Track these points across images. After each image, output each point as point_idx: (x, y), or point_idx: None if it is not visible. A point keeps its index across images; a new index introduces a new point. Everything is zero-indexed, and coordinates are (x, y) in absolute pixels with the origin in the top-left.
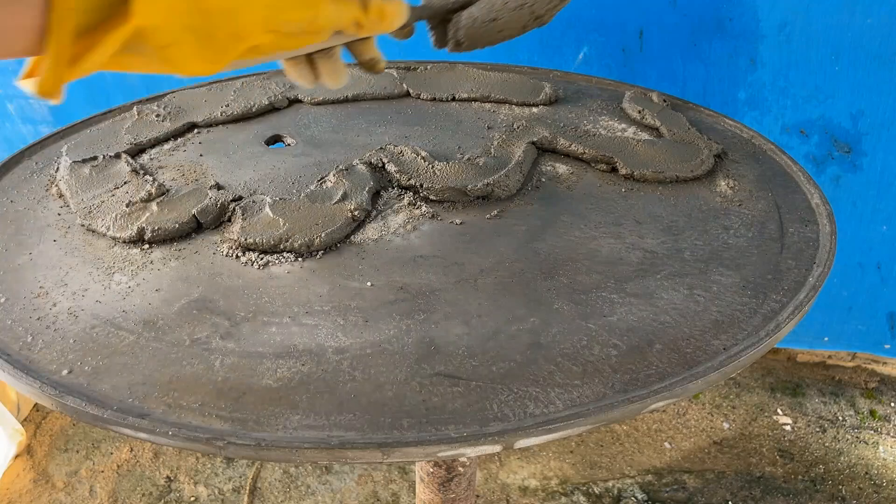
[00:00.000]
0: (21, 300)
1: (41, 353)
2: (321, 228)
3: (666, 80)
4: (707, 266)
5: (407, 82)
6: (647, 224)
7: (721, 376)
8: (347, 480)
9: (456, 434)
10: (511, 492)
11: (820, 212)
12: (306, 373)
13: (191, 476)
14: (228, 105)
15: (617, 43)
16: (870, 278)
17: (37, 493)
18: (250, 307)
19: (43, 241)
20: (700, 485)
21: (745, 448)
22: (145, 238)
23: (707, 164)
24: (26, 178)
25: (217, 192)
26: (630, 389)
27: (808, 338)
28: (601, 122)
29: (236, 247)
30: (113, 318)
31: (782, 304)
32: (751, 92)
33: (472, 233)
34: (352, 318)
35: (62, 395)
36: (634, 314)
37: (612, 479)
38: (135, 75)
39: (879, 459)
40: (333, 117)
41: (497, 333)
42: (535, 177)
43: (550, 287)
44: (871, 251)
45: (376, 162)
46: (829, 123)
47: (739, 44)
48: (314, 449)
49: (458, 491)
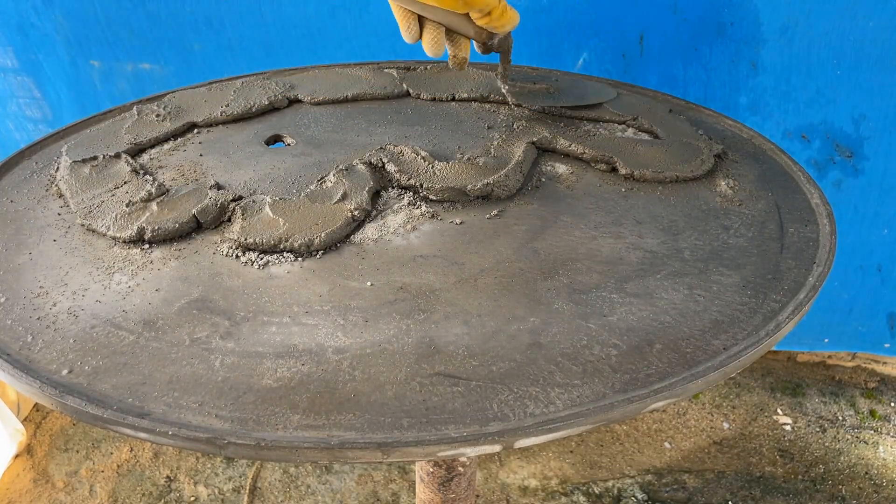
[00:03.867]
0: (21, 300)
1: (41, 352)
2: (321, 228)
3: (667, 85)
4: (707, 266)
5: (407, 82)
6: (647, 224)
7: (721, 376)
8: (347, 480)
9: (456, 434)
10: (511, 491)
11: (820, 212)
12: (306, 372)
13: (191, 476)
14: (228, 105)
15: (617, 48)
16: (870, 281)
17: (37, 493)
18: (250, 307)
19: (43, 241)
20: (700, 484)
21: (745, 448)
22: (145, 238)
23: (707, 164)
24: (26, 177)
25: (217, 192)
26: (630, 389)
27: (808, 339)
28: (601, 122)
29: (236, 247)
30: (113, 317)
31: (782, 303)
32: (752, 96)
33: (472, 233)
34: (352, 318)
35: (62, 394)
36: (634, 314)
37: (612, 478)
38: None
39: (879, 459)
40: (333, 117)
41: (497, 333)
42: (535, 177)
43: (550, 287)
44: (872, 254)
45: (376, 162)
46: (830, 128)
47: (740, 48)
48: (314, 449)
49: (458, 491)
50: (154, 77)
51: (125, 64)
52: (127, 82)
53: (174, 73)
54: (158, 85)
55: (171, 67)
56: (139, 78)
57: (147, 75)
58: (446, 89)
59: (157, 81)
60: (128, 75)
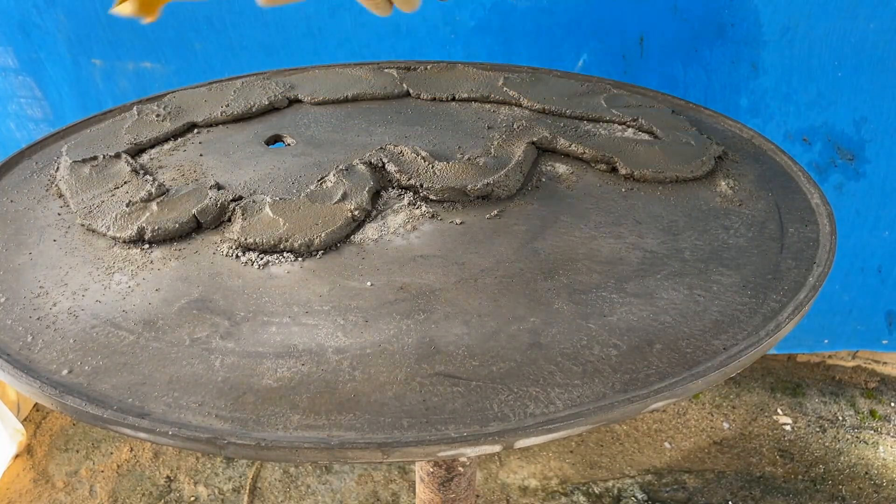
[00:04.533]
0: (21, 300)
1: (41, 352)
2: (321, 228)
3: (667, 87)
4: (707, 266)
5: (407, 82)
6: (647, 224)
7: (721, 376)
8: (347, 480)
9: (456, 434)
10: (511, 492)
11: (820, 212)
12: (306, 373)
13: (191, 476)
14: (228, 105)
15: (617, 49)
16: (871, 282)
17: (37, 493)
18: (250, 307)
19: (43, 241)
20: (700, 485)
21: (745, 448)
22: (145, 238)
23: (707, 164)
24: (26, 177)
25: (217, 192)
26: (630, 389)
27: (809, 341)
28: (601, 122)
29: (236, 247)
30: (113, 317)
31: (782, 303)
32: (753, 99)
33: (472, 233)
34: (352, 318)
35: (62, 394)
36: (634, 314)
37: (612, 478)
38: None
39: (879, 459)
40: (333, 117)
41: (497, 333)
42: (536, 177)
43: (550, 287)
44: (873, 256)
45: (376, 162)
46: (831, 130)
47: (741, 49)
48: (314, 449)
49: (458, 491)
50: (156, 76)
51: (126, 63)
52: (128, 81)
53: (175, 72)
54: (160, 84)
55: (172, 66)
56: (141, 77)
57: (148, 74)
58: (446, 89)
59: (159, 80)
60: (129, 74)
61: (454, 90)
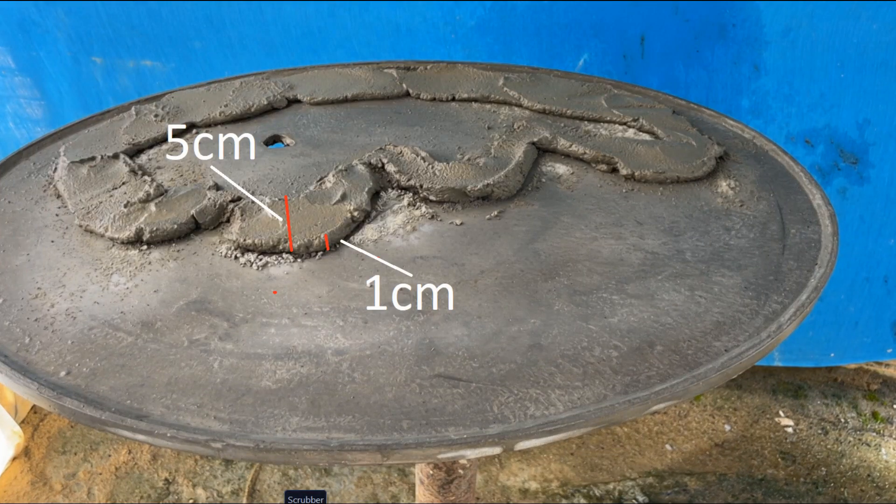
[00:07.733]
0: (19, 301)
1: (39, 354)
2: (321, 229)
3: (668, 87)
4: (708, 267)
5: (407, 82)
6: (648, 225)
7: (722, 378)
8: (347, 483)
9: (456, 436)
10: (511, 494)
11: (822, 213)
12: (305, 374)
13: (189, 478)
14: (227, 105)
15: (618, 49)
16: (877, 292)
17: (35, 496)
18: (249, 308)
19: (41, 242)
20: (701, 487)
21: (747, 450)
22: (143, 239)
23: (708, 164)
24: (24, 178)
25: (216, 193)
26: (631, 391)
27: (815, 354)
28: (602, 122)
29: (235, 247)
30: (111, 319)
31: (784, 305)
32: (754, 99)
33: (472, 233)
34: (351, 320)
35: (60, 396)
36: (635, 315)
37: (613, 481)
38: (126, 78)
39: (882, 462)
40: (333, 117)
41: (497, 335)
42: (536, 177)
43: (551, 288)
44: (879, 265)
45: (376, 162)
46: (834, 132)
47: (743, 50)
48: (313, 451)
49: (458, 493)
50: (156, 74)
51: (127, 61)
52: (129, 79)
53: (175, 71)
54: (160, 82)
55: (172, 64)
56: (141, 75)
57: (149, 72)
58: (446, 89)
59: (159, 78)
60: (129, 72)
61: (454, 90)
